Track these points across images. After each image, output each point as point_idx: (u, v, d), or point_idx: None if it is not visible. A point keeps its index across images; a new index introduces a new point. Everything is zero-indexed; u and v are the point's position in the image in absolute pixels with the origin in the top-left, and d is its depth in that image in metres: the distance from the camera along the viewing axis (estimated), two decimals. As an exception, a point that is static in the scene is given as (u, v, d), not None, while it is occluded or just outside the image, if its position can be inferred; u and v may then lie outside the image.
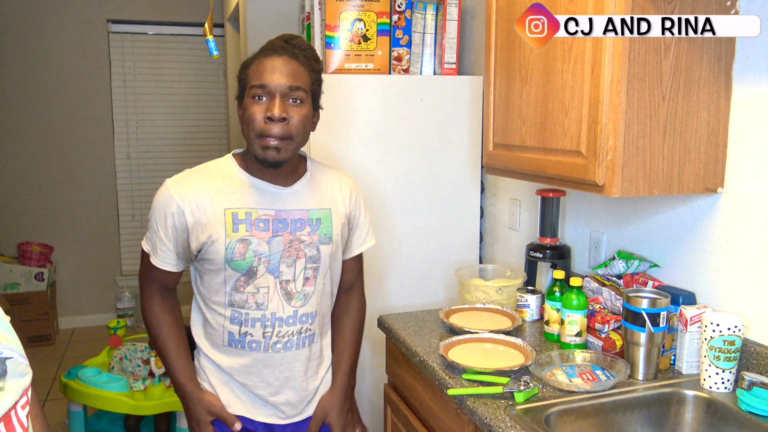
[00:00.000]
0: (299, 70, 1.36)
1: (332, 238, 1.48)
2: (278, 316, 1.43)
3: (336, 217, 1.49)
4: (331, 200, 1.50)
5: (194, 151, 4.79)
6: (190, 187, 1.41)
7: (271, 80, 1.34)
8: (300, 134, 1.37)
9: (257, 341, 1.43)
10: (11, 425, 0.61)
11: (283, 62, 1.35)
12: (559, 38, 1.47)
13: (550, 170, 1.54)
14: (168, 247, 1.42)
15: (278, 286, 1.42)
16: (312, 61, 1.41)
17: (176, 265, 1.46)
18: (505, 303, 1.98)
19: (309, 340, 1.49)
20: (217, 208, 1.39)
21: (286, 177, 1.45)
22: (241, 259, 1.38)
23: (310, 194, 1.47)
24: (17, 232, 4.46)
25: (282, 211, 1.43)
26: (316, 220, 1.46)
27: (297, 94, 1.35)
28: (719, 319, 1.39)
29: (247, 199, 1.41)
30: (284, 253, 1.42)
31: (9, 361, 0.62)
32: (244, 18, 3.34)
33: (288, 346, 1.46)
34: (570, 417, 1.35)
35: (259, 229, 1.40)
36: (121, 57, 4.60)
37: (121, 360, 2.96)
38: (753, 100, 1.40)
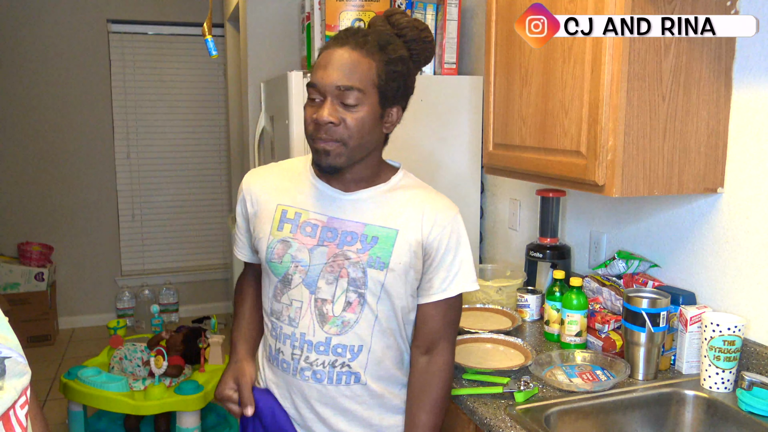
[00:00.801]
0: (360, 64, 1.15)
1: (388, 264, 1.21)
2: (307, 338, 1.24)
3: (404, 241, 1.22)
4: (404, 221, 1.24)
5: (194, 151, 4.79)
6: (259, 177, 1.34)
7: (321, 79, 1.16)
8: (356, 138, 1.17)
9: (287, 362, 1.27)
10: (10, 425, 0.61)
11: (341, 55, 1.16)
12: (559, 38, 1.47)
13: (550, 170, 1.54)
14: (242, 234, 1.38)
15: (313, 303, 1.24)
16: (390, 49, 1.19)
17: (250, 256, 1.40)
18: (505, 303, 1.98)
19: (348, 377, 1.24)
20: (272, 202, 1.29)
21: (357, 184, 1.26)
22: (278, 262, 1.25)
23: (375, 207, 1.25)
24: (17, 232, 4.46)
25: (335, 219, 1.24)
26: (371, 237, 1.22)
27: (349, 96, 1.15)
28: (719, 319, 1.39)
29: (302, 198, 1.27)
30: (326, 267, 1.23)
31: (8, 361, 0.62)
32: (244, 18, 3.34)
33: (318, 378, 1.24)
34: (570, 417, 1.35)
35: (305, 233, 1.24)
36: (121, 57, 4.60)
37: (121, 360, 2.96)
38: (753, 100, 1.40)
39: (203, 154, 4.81)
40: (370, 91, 1.16)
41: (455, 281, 1.26)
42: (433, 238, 1.24)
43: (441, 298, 1.26)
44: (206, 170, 4.83)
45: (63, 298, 4.60)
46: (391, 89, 1.19)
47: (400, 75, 1.20)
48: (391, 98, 1.20)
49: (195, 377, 2.79)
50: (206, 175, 4.83)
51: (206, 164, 4.82)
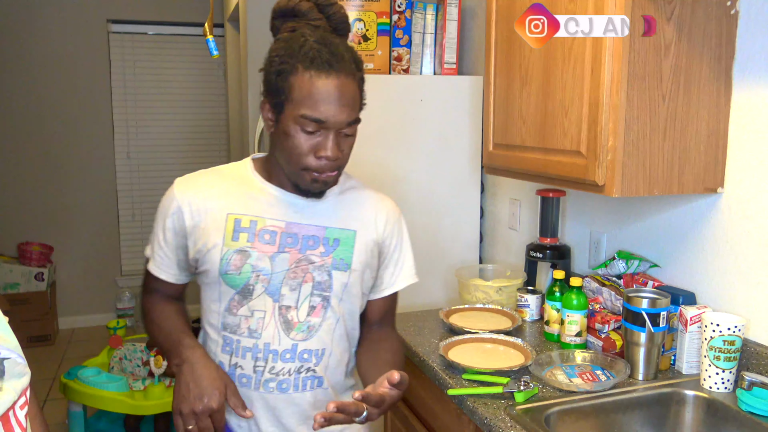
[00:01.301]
0: (354, 92, 1.15)
1: (350, 264, 1.24)
2: (272, 347, 1.21)
3: (361, 241, 1.26)
4: (360, 221, 1.27)
5: (194, 151, 4.79)
6: (195, 186, 1.25)
7: (328, 116, 1.12)
8: (346, 162, 1.21)
9: (248, 376, 1.22)
10: (10, 425, 0.61)
11: (342, 88, 1.12)
12: (559, 38, 1.47)
13: (550, 170, 1.54)
14: (166, 252, 1.26)
15: (276, 311, 1.21)
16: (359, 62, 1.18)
17: (176, 275, 1.28)
18: (505, 303, 1.98)
19: (312, 382, 1.24)
20: (220, 211, 1.21)
21: None
22: (236, 273, 1.19)
23: (333, 210, 1.26)
24: (17, 232, 4.46)
25: (294, 224, 1.22)
26: (333, 240, 1.23)
27: (352, 127, 1.17)
28: (719, 319, 1.39)
29: (255, 205, 1.22)
30: (289, 273, 1.21)
31: (7, 362, 0.62)
32: (244, 18, 3.34)
33: (284, 387, 1.22)
34: (570, 417, 1.35)
35: (263, 241, 1.20)
36: (121, 57, 4.60)
37: (121, 360, 2.96)
38: (753, 100, 1.40)
39: (203, 154, 4.81)
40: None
41: (401, 275, 1.35)
42: (386, 235, 1.31)
43: (389, 292, 1.35)
44: (206, 170, 4.83)
45: (63, 298, 4.60)
46: (363, 106, 1.20)
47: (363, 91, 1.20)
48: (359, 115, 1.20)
49: (195, 377, 2.79)
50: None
51: (206, 164, 4.78)
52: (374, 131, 2.22)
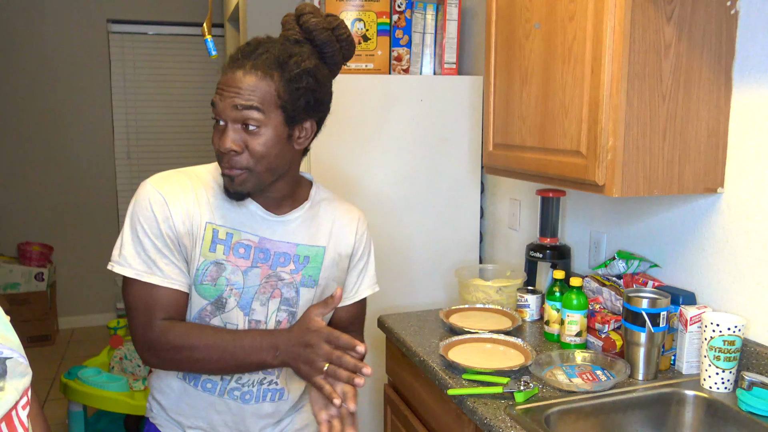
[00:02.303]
0: (257, 85, 1.09)
1: (317, 281, 1.26)
2: None
3: (329, 257, 1.27)
4: (329, 237, 1.28)
5: (194, 151, 4.79)
6: (177, 189, 1.18)
7: (219, 102, 1.11)
8: (262, 164, 1.12)
9: (213, 382, 1.23)
10: (12, 425, 0.61)
11: (238, 78, 1.09)
12: (560, 38, 1.47)
13: (550, 170, 1.54)
14: (172, 258, 1.16)
15: (247, 325, 1.21)
16: (291, 64, 1.11)
17: (186, 282, 1.18)
18: (505, 303, 1.98)
19: (273, 394, 1.27)
20: (201, 220, 1.17)
21: (279, 203, 1.23)
22: (211, 285, 1.17)
23: (305, 227, 1.25)
24: (17, 232, 4.46)
25: (266, 240, 1.21)
26: (303, 257, 1.24)
27: (248, 116, 1.09)
28: (719, 319, 1.39)
29: (231, 217, 1.19)
30: (260, 288, 1.21)
31: (9, 361, 0.62)
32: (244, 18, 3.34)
33: (246, 399, 1.25)
34: (570, 417, 1.35)
35: (238, 255, 1.19)
36: (121, 57, 4.60)
37: (121, 360, 2.96)
38: (753, 100, 1.40)
39: (203, 154, 4.81)
40: (272, 113, 1.10)
41: (363, 284, 1.36)
42: (356, 247, 1.33)
43: (352, 301, 1.36)
44: (206, 170, 4.82)
45: (63, 298, 4.60)
46: (297, 107, 1.12)
47: (306, 90, 1.12)
48: (298, 115, 1.13)
49: (195, 377, 2.79)
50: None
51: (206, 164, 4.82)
52: (374, 131, 2.22)
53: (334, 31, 1.18)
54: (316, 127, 1.20)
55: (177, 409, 1.27)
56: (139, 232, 1.14)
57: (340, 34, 1.19)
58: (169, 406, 1.28)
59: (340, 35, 1.19)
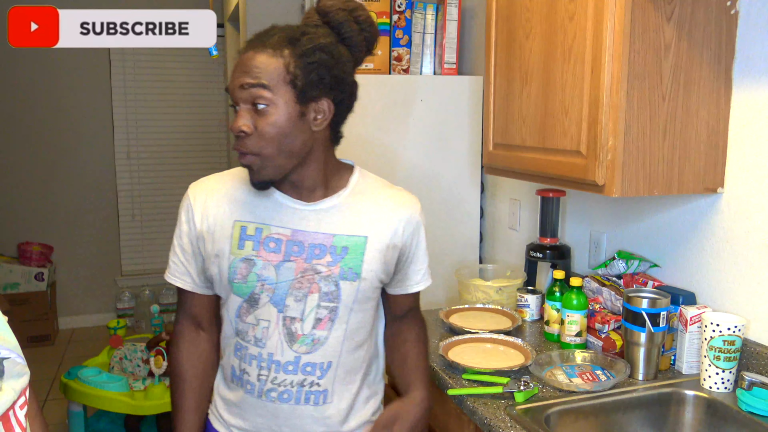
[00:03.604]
0: (266, 63, 1.07)
1: (360, 274, 1.17)
2: (275, 358, 1.18)
3: (373, 248, 1.18)
4: (373, 226, 1.19)
5: (194, 151, 4.79)
6: (206, 190, 1.22)
7: (230, 83, 1.11)
8: (273, 146, 1.09)
9: (252, 383, 1.20)
10: (10, 425, 0.61)
11: (248, 58, 1.09)
12: (559, 38, 1.47)
13: (550, 170, 1.54)
14: (182, 259, 1.22)
15: (281, 322, 1.17)
16: (304, 41, 1.09)
17: (193, 282, 1.23)
18: (505, 303, 1.98)
19: (317, 397, 1.20)
20: (228, 218, 1.18)
21: (312, 191, 1.18)
22: (242, 282, 1.17)
23: (342, 215, 1.18)
24: (17, 232, 4.46)
25: (299, 231, 1.16)
26: (341, 248, 1.17)
27: (256, 95, 1.07)
28: (719, 319, 1.39)
29: (261, 212, 1.18)
30: (294, 283, 1.16)
31: (6, 362, 0.62)
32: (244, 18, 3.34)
33: (285, 398, 1.19)
34: (570, 417, 1.35)
35: (268, 249, 1.16)
36: (121, 57, 4.60)
37: (121, 360, 2.96)
38: (753, 100, 1.40)
39: (203, 154, 4.81)
40: (281, 89, 1.07)
41: (427, 271, 1.31)
42: (407, 236, 1.23)
43: (418, 289, 1.31)
44: (206, 170, 4.76)
45: (63, 298, 4.60)
46: (309, 82, 1.08)
47: (319, 64, 1.08)
48: (311, 92, 1.09)
49: (195, 377, 2.79)
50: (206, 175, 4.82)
51: (206, 164, 4.82)
52: (374, 131, 2.22)
53: (352, 12, 1.16)
54: (334, 108, 1.14)
55: (230, 411, 1.26)
56: (174, 234, 1.23)
57: (358, 16, 1.16)
58: (221, 405, 1.28)
59: (358, 17, 1.16)
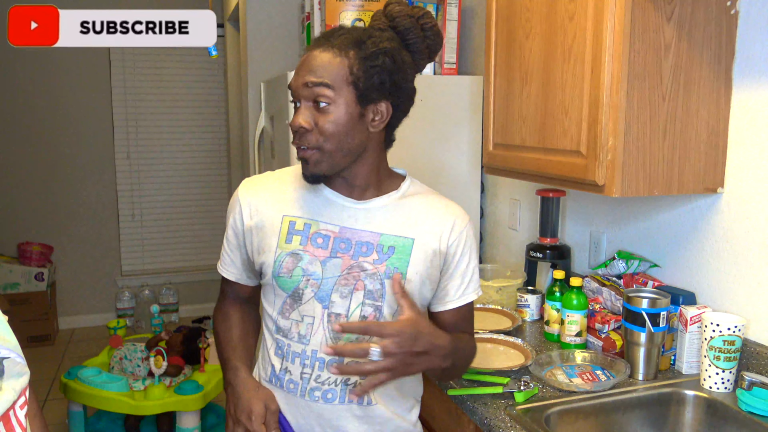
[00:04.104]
0: (330, 63, 1.10)
1: (405, 275, 1.17)
2: (320, 355, 1.17)
3: (420, 250, 1.19)
4: (420, 229, 1.20)
5: (194, 151, 4.79)
6: (257, 186, 1.24)
7: (293, 81, 1.14)
8: (333, 142, 1.12)
9: (295, 382, 1.20)
10: (10, 425, 0.61)
11: (313, 57, 1.12)
12: (559, 38, 1.47)
13: (550, 170, 1.54)
14: (230, 251, 1.27)
15: (326, 318, 1.17)
16: (368, 43, 1.11)
17: (241, 275, 1.28)
18: (505, 303, 1.98)
19: (361, 397, 1.19)
20: (277, 213, 1.20)
21: (364, 191, 1.20)
22: (287, 276, 1.17)
23: (390, 216, 1.20)
24: (17, 232, 4.46)
25: (347, 229, 1.18)
26: (388, 247, 1.18)
27: (318, 93, 1.10)
28: (719, 319, 1.39)
29: (310, 208, 1.19)
30: (340, 279, 1.16)
31: (6, 361, 0.62)
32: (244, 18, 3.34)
33: (329, 398, 1.18)
34: (570, 417, 1.35)
35: (316, 245, 1.17)
36: (121, 56, 4.60)
37: (121, 360, 2.96)
38: (753, 100, 1.40)
39: (203, 154, 4.81)
40: (343, 89, 1.10)
41: (469, 288, 1.24)
42: (451, 244, 1.21)
43: (457, 305, 1.24)
44: (206, 170, 4.83)
45: (63, 298, 4.60)
46: (371, 85, 1.11)
47: (381, 68, 1.11)
48: (372, 94, 1.12)
49: (195, 377, 2.80)
50: (206, 175, 4.83)
51: (206, 164, 4.82)
52: (374, 131, 2.22)
53: (419, 19, 1.18)
54: (392, 111, 1.17)
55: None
56: (226, 229, 1.28)
57: (425, 23, 1.19)
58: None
59: (424, 24, 1.19)
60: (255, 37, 3.20)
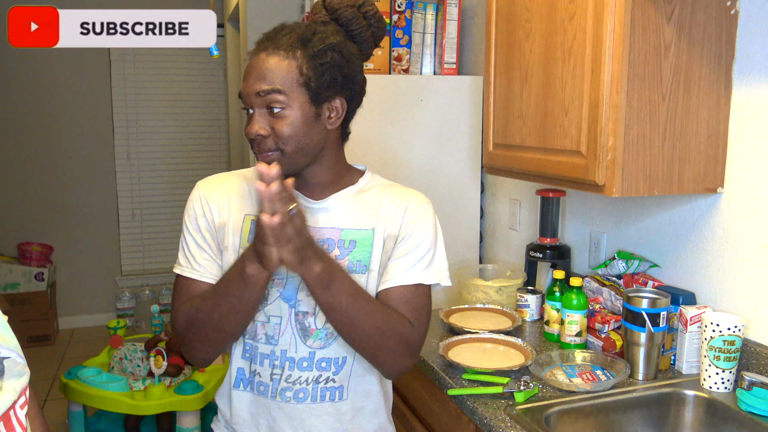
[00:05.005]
0: (278, 67, 1.08)
1: (369, 266, 1.16)
2: (289, 355, 1.15)
3: (380, 239, 1.17)
4: (378, 218, 1.18)
5: (194, 151, 4.79)
6: (218, 185, 1.22)
7: (243, 89, 1.12)
8: (291, 144, 1.10)
9: (265, 384, 1.18)
10: (11, 425, 0.61)
11: (260, 62, 1.10)
12: (559, 38, 1.47)
13: (550, 170, 1.54)
14: (210, 253, 1.18)
15: (293, 317, 1.15)
16: (314, 41, 1.10)
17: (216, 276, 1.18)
18: (505, 303, 1.98)
19: (332, 393, 1.18)
20: (239, 212, 1.18)
21: (322, 189, 1.19)
22: None
23: (349, 211, 1.19)
24: (17, 232, 4.46)
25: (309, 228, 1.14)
26: (349, 242, 1.17)
27: (271, 100, 1.08)
28: (719, 319, 1.39)
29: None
30: None
31: (6, 361, 0.62)
32: (244, 18, 3.34)
33: (301, 397, 1.17)
34: (570, 417, 1.35)
35: None
36: (121, 56, 4.60)
37: (121, 360, 2.96)
38: (753, 100, 1.40)
39: (203, 154, 4.81)
40: (294, 92, 1.09)
41: (415, 270, 1.16)
42: (403, 224, 1.18)
43: (394, 284, 1.15)
44: (206, 170, 4.80)
45: (63, 298, 4.60)
46: (322, 83, 1.10)
47: (331, 65, 1.10)
48: (325, 93, 1.11)
49: (195, 377, 2.79)
50: (206, 175, 4.81)
51: (206, 164, 4.82)
52: (374, 131, 2.22)
53: (360, 8, 1.17)
54: (346, 106, 1.16)
55: (238, 419, 1.22)
56: (184, 230, 1.20)
57: (367, 11, 1.18)
58: (229, 417, 1.24)
59: (366, 12, 1.18)
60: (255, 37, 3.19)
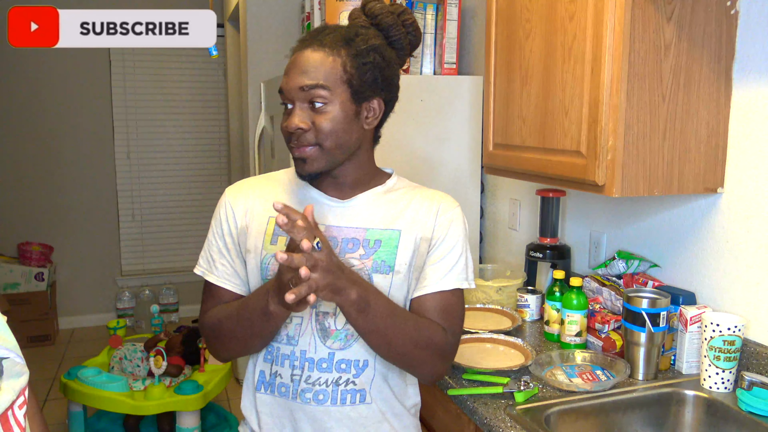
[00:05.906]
0: (323, 62, 1.10)
1: (393, 267, 1.15)
2: (308, 356, 1.15)
3: (407, 241, 1.16)
4: (406, 220, 1.18)
5: (194, 151, 4.79)
6: (245, 189, 1.23)
7: (285, 84, 1.13)
8: (331, 139, 1.11)
9: (286, 385, 1.17)
10: (9, 425, 0.61)
11: (304, 57, 1.11)
12: (559, 38, 1.47)
13: (550, 170, 1.54)
14: (228, 258, 1.21)
15: (313, 318, 1.15)
16: (358, 41, 1.13)
17: (240, 284, 1.21)
18: (505, 303, 1.98)
19: (353, 396, 1.16)
20: (263, 214, 1.19)
21: (351, 189, 1.19)
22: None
23: (375, 211, 1.19)
24: (17, 232, 4.46)
25: (333, 227, 1.17)
26: (374, 241, 1.16)
27: (315, 95, 1.10)
28: (719, 319, 1.39)
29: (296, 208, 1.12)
30: None
31: (5, 361, 0.62)
32: (244, 18, 3.34)
33: (320, 399, 1.15)
34: (570, 417, 1.35)
35: None
36: (121, 56, 4.60)
37: (121, 360, 2.96)
38: (753, 100, 1.40)
39: (203, 154, 4.81)
40: (338, 89, 1.10)
41: (450, 275, 1.17)
42: (436, 227, 1.18)
43: (432, 291, 1.16)
44: (206, 170, 4.83)
45: (63, 298, 4.60)
46: (364, 82, 1.12)
47: (373, 66, 1.13)
48: (365, 92, 1.13)
49: (195, 377, 2.80)
50: (206, 175, 4.83)
51: (206, 164, 4.82)
52: (374, 131, 2.22)
53: (399, 16, 1.19)
54: (384, 107, 1.18)
55: (264, 425, 1.21)
56: (210, 233, 1.24)
57: (406, 20, 1.20)
58: (256, 425, 1.22)
59: (405, 20, 1.20)
60: (255, 37, 3.20)
